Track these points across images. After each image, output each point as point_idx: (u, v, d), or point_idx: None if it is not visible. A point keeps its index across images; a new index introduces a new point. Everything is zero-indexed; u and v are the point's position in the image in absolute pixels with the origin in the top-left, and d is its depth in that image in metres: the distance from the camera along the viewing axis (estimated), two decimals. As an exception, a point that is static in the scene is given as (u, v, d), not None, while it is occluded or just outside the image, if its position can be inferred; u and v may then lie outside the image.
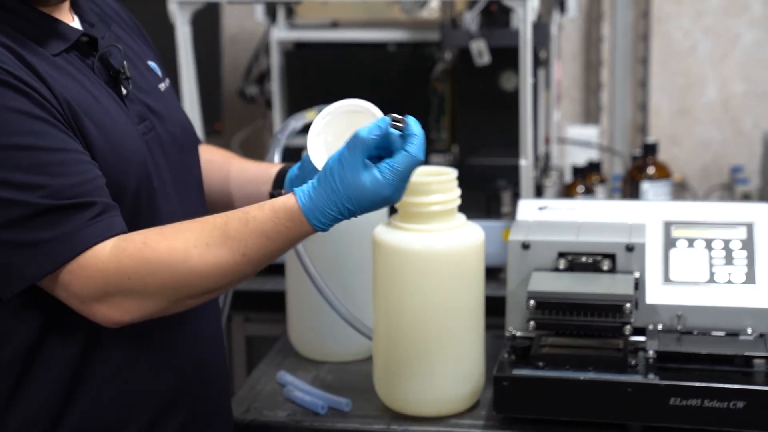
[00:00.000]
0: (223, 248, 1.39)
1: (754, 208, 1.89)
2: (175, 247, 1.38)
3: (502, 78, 2.37)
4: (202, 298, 1.44)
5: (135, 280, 1.37)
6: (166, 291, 1.39)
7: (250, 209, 1.42)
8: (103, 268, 1.36)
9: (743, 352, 1.70)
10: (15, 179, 1.32)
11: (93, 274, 1.36)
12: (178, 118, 1.62)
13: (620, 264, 1.80)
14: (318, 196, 1.41)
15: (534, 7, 2.08)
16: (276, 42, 2.49)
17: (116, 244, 1.37)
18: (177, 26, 2.20)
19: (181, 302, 1.42)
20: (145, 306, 1.39)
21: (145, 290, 1.38)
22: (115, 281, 1.37)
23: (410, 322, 1.72)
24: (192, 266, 1.38)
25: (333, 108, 1.56)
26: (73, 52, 1.46)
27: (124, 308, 1.38)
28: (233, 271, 1.41)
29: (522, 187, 2.16)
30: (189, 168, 1.61)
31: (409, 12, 2.43)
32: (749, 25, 2.96)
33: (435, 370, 1.73)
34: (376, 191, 1.40)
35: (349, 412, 1.78)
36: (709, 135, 3.02)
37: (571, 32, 3.02)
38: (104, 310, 1.38)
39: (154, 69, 1.62)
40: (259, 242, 1.40)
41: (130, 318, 1.40)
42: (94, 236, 1.36)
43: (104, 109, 1.44)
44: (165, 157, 1.53)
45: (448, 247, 1.70)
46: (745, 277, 1.80)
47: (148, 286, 1.38)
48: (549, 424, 1.70)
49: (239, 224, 1.40)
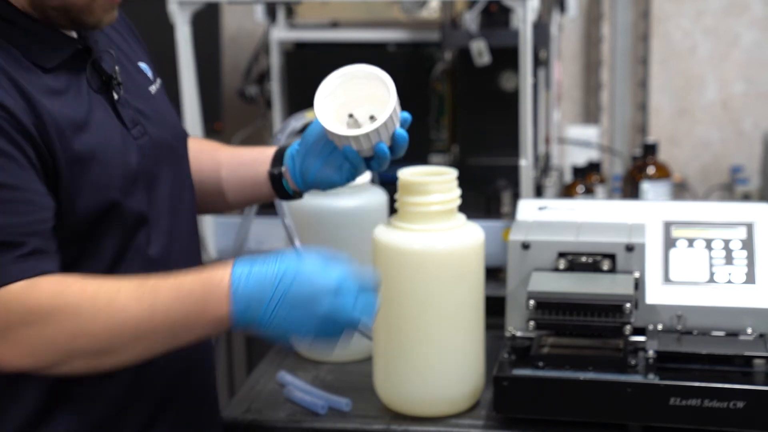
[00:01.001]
0: (133, 296, 1.33)
1: (754, 208, 1.89)
2: (88, 289, 1.34)
3: (502, 78, 2.37)
4: (96, 362, 1.36)
5: (36, 316, 1.31)
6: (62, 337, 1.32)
7: (178, 273, 1.36)
8: (10, 300, 1.31)
9: (743, 352, 1.70)
10: None
11: (5, 307, 1.31)
12: (169, 120, 1.61)
13: (620, 264, 1.80)
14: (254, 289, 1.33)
15: (534, 7, 2.08)
16: (276, 42, 2.49)
17: (33, 281, 1.32)
18: (177, 26, 2.20)
19: (74, 360, 1.35)
20: (37, 353, 1.33)
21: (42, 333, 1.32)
22: (18, 316, 1.31)
23: (410, 321, 1.72)
24: (95, 311, 1.32)
25: (350, 70, 1.54)
26: (68, 63, 1.45)
27: (19, 350, 1.32)
28: (136, 328, 1.33)
29: (522, 187, 2.16)
30: (182, 171, 1.61)
31: (409, 12, 2.43)
32: (749, 26, 2.96)
33: (435, 370, 1.73)
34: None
35: (349, 412, 1.78)
36: (709, 135, 3.02)
37: (571, 32, 3.03)
38: (3, 350, 1.33)
39: (144, 71, 1.61)
40: (169, 296, 1.33)
41: (21, 363, 1.33)
42: (15, 273, 1.31)
43: (95, 122, 1.44)
44: (158, 161, 1.52)
45: (448, 247, 1.70)
46: (745, 277, 1.80)
47: (46, 327, 1.32)
48: (549, 425, 1.70)
49: (158, 279, 1.35)
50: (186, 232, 1.59)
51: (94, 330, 1.33)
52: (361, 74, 1.55)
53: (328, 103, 1.54)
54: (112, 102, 1.49)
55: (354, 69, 1.55)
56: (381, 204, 2.00)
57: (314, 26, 2.58)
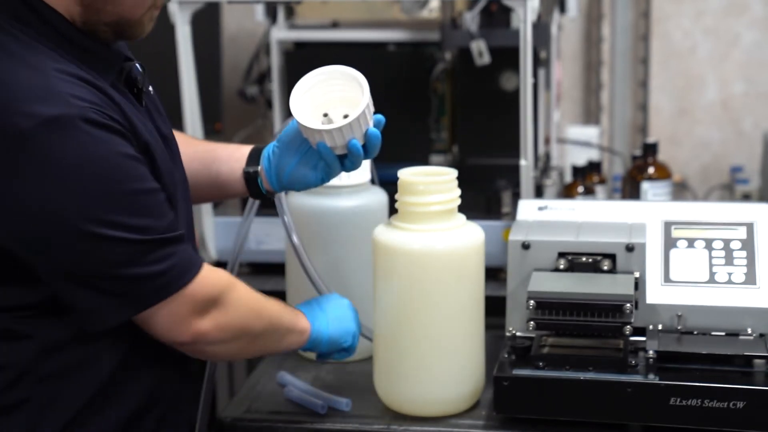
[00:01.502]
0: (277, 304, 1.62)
1: (754, 208, 1.89)
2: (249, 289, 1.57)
3: (502, 78, 2.37)
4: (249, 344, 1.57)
5: (238, 297, 1.52)
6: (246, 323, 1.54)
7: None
8: (220, 279, 1.50)
9: (743, 352, 1.70)
10: (130, 222, 1.37)
11: (213, 284, 1.48)
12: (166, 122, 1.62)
13: (620, 264, 1.80)
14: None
15: (534, 7, 2.08)
16: (276, 42, 2.49)
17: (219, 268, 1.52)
18: (177, 26, 2.20)
19: (240, 338, 1.54)
20: (227, 328, 1.50)
21: (237, 314, 1.51)
22: (225, 294, 1.49)
23: (410, 322, 1.72)
24: (264, 304, 1.58)
25: (327, 70, 1.58)
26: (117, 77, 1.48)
27: (218, 323, 1.48)
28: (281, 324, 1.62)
29: (522, 188, 2.16)
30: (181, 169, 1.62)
31: (409, 12, 2.43)
32: (749, 26, 2.96)
33: (435, 370, 1.73)
34: None
35: (349, 412, 1.78)
36: (709, 135, 3.03)
37: (571, 32, 3.03)
38: (203, 322, 1.47)
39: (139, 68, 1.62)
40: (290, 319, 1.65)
41: (211, 336, 1.48)
42: (199, 259, 1.48)
43: (153, 136, 1.48)
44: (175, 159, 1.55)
45: (448, 248, 1.70)
46: (745, 277, 1.80)
47: (241, 310, 1.52)
48: (549, 425, 1.70)
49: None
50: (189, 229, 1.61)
51: (265, 317, 1.57)
52: (337, 74, 1.59)
53: (304, 100, 1.59)
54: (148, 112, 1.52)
55: (330, 69, 1.60)
56: (381, 204, 2.00)
57: (314, 26, 2.58)
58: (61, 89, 1.34)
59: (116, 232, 1.36)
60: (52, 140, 1.31)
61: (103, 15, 1.42)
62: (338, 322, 1.69)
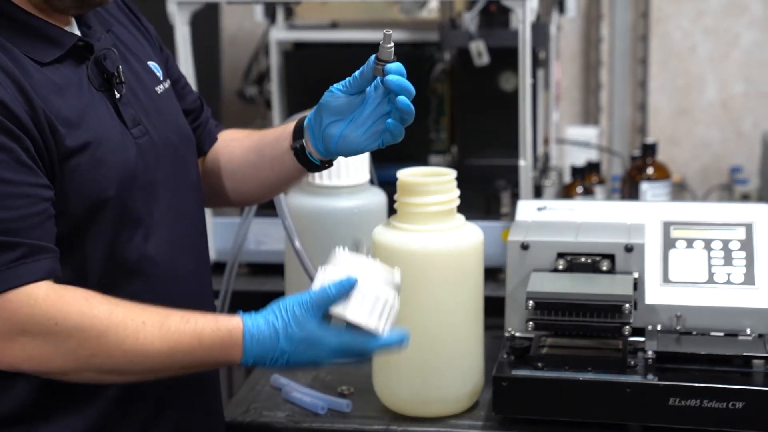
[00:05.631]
0: (157, 333, 1.37)
1: (753, 208, 1.89)
2: (116, 313, 1.37)
3: (501, 78, 2.37)
4: (104, 377, 1.40)
5: (60, 327, 1.34)
6: (82, 353, 1.36)
7: (194, 315, 1.41)
8: (34, 305, 1.33)
9: (742, 353, 1.70)
10: None
11: (19, 310, 1.33)
12: (174, 120, 1.61)
13: (619, 264, 1.80)
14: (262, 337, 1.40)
15: (533, 8, 2.08)
16: (275, 42, 2.49)
17: (55, 289, 1.35)
18: (176, 26, 2.20)
19: (84, 372, 1.38)
20: (49, 361, 1.35)
21: (61, 344, 1.35)
22: (38, 322, 1.33)
23: (409, 322, 1.71)
24: (121, 338, 1.36)
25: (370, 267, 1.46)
26: (68, 59, 1.46)
27: (27, 354, 1.34)
28: (154, 361, 1.38)
29: (521, 188, 2.16)
30: (186, 170, 1.61)
31: (408, 12, 2.43)
32: (749, 26, 2.96)
33: (434, 371, 1.73)
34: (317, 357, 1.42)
35: (349, 413, 1.78)
36: (709, 135, 3.03)
37: (570, 32, 3.03)
38: (10, 350, 1.34)
39: (154, 70, 1.61)
40: (190, 344, 1.39)
41: (27, 367, 1.36)
42: (23, 275, 1.33)
43: (92, 119, 1.44)
44: (159, 160, 1.52)
45: (448, 248, 1.70)
46: (744, 277, 1.80)
47: (69, 340, 1.35)
48: (548, 425, 1.70)
49: (180, 320, 1.39)
50: (189, 231, 1.59)
51: (116, 354, 1.37)
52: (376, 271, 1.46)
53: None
54: (113, 100, 1.49)
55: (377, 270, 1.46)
56: (380, 204, 2.00)
57: (314, 27, 2.58)
58: None
59: None
60: None
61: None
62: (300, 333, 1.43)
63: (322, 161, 1.63)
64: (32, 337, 1.34)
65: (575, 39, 3.04)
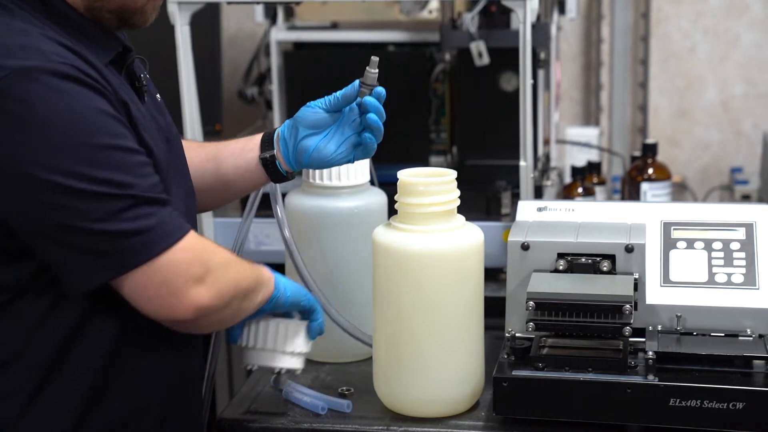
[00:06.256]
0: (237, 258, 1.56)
1: (753, 209, 1.89)
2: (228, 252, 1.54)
3: (501, 79, 2.37)
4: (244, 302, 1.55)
5: (221, 258, 1.48)
6: (236, 277, 1.51)
7: None
8: (204, 243, 1.47)
9: (743, 353, 1.70)
10: (106, 176, 1.35)
11: (201, 249, 1.44)
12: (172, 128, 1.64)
13: (620, 265, 1.80)
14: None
15: (533, 8, 2.08)
16: (275, 43, 2.49)
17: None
18: (176, 27, 2.20)
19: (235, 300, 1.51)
20: (223, 292, 1.46)
21: (226, 273, 1.48)
22: (211, 257, 1.45)
23: (410, 322, 1.72)
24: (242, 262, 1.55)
25: None
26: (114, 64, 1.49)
27: (216, 289, 1.45)
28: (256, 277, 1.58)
29: (521, 188, 2.16)
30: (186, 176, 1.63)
31: (408, 13, 2.43)
32: (749, 26, 2.96)
33: (434, 371, 1.73)
34: None
35: (349, 413, 1.78)
36: (709, 136, 3.03)
37: (570, 33, 3.03)
38: (201, 291, 1.42)
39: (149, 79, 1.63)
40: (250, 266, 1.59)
41: (208, 306, 1.44)
42: (185, 224, 1.44)
43: (142, 123, 1.47)
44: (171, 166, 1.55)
45: (448, 248, 1.70)
46: (745, 278, 1.80)
47: (228, 269, 1.48)
48: (548, 426, 1.70)
49: None
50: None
51: (248, 276, 1.55)
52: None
53: None
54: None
55: None
56: (381, 205, 2.00)
57: (314, 27, 2.58)
58: (40, 47, 1.35)
59: (87, 185, 1.34)
60: (19, 91, 1.31)
61: (106, 2, 1.45)
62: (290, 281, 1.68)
63: (287, 172, 1.73)
64: (215, 273, 1.45)
65: (576, 39, 3.04)
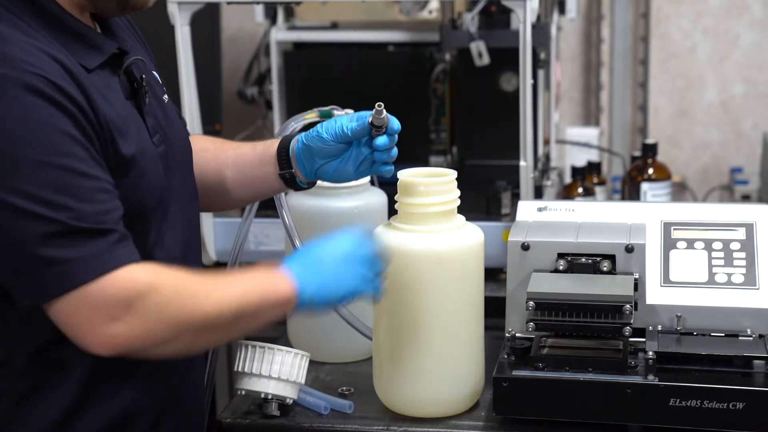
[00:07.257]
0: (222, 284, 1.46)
1: (753, 209, 1.89)
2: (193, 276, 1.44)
3: (501, 79, 2.37)
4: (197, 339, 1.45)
5: (161, 296, 1.38)
6: (182, 316, 1.40)
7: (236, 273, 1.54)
8: (137, 280, 1.36)
9: (743, 353, 1.70)
10: (46, 196, 1.32)
11: (125, 286, 1.36)
12: (179, 128, 1.64)
13: (620, 265, 1.80)
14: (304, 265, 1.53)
15: (534, 8, 2.08)
16: (275, 43, 2.49)
17: (144, 265, 1.39)
18: (176, 27, 2.20)
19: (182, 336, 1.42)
20: (153, 333, 1.38)
21: (164, 311, 1.38)
22: (142, 295, 1.36)
23: (410, 322, 1.72)
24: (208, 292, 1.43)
25: None
26: (107, 67, 1.47)
27: (131, 331, 1.36)
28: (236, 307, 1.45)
29: (521, 188, 2.16)
30: (191, 179, 1.64)
31: (408, 13, 2.43)
32: (749, 27, 2.96)
33: (434, 371, 1.73)
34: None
35: (349, 413, 1.78)
36: (709, 136, 3.03)
37: (570, 33, 3.03)
38: (119, 329, 1.35)
39: (158, 78, 1.62)
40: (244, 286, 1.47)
41: (130, 345, 1.38)
42: (121, 258, 1.36)
43: (132, 128, 1.46)
44: (172, 169, 1.54)
45: (448, 248, 1.70)
46: (745, 278, 1.80)
47: (169, 306, 1.38)
48: (549, 426, 1.70)
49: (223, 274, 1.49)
50: (196, 238, 1.63)
51: (207, 307, 1.41)
52: None
53: None
54: (140, 109, 1.51)
55: None
56: (381, 205, 2.00)
57: (314, 27, 2.58)
58: (14, 55, 1.33)
59: (26, 203, 1.31)
60: None
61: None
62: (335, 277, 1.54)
63: (308, 183, 1.75)
64: (137, 312, 1.36)
65: (576, 40, 3.04)
